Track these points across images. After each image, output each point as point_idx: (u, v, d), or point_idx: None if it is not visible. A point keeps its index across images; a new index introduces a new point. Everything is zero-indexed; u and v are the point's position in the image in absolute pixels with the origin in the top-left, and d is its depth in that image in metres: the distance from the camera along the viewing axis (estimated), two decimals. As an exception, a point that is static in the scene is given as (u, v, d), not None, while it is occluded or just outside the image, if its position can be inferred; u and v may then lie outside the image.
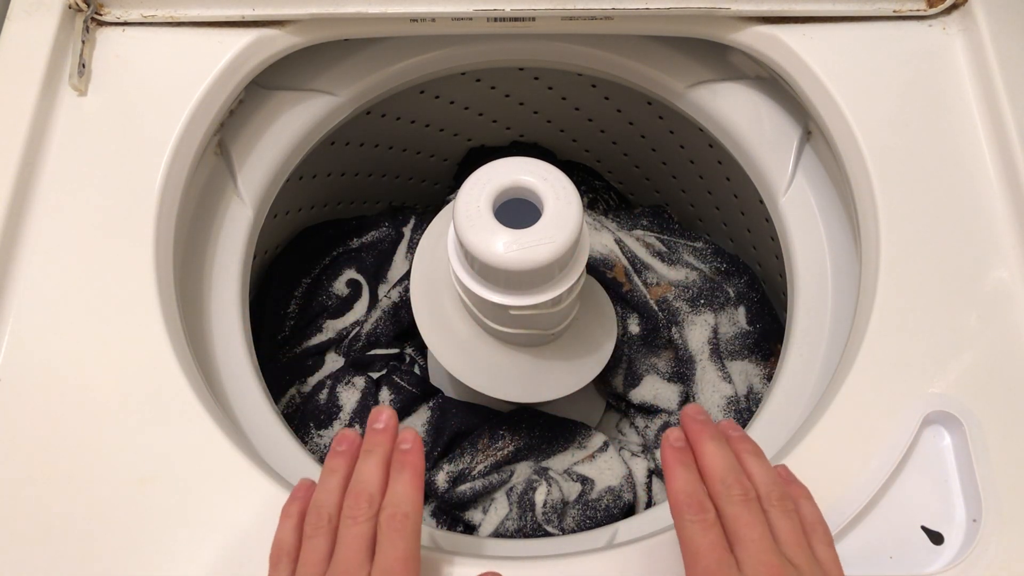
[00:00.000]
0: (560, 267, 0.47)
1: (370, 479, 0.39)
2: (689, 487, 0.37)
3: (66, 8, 0.53)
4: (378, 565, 0.36)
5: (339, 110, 0.64)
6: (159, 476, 0.44)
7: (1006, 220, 0.50)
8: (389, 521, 0.37)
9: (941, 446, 0.45)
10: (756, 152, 0.62)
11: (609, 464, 0.62)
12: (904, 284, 0.49)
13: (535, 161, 0.46)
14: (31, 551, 0.42)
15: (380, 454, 0.40)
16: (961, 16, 0.55)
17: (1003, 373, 0.46)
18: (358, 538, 0.37)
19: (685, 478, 0.38)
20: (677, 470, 0.38)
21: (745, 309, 0.68)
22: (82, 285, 0.48)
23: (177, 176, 0.52)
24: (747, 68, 0.64)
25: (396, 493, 0.38)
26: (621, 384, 0.67)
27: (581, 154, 0.86)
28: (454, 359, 0.56)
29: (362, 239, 0.75)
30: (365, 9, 0.54)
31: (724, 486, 0.37)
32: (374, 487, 0.38)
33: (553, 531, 0.57)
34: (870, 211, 0.51)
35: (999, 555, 0.42)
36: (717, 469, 0.38)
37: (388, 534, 0.37)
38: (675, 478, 0.38)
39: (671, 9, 0.54)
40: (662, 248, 0.70)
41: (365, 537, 0.37)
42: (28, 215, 0.49)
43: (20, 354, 0.46)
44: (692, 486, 0.38)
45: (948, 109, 0.53)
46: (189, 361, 0.48)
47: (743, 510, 0.36)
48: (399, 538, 0.36)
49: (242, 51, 0.54)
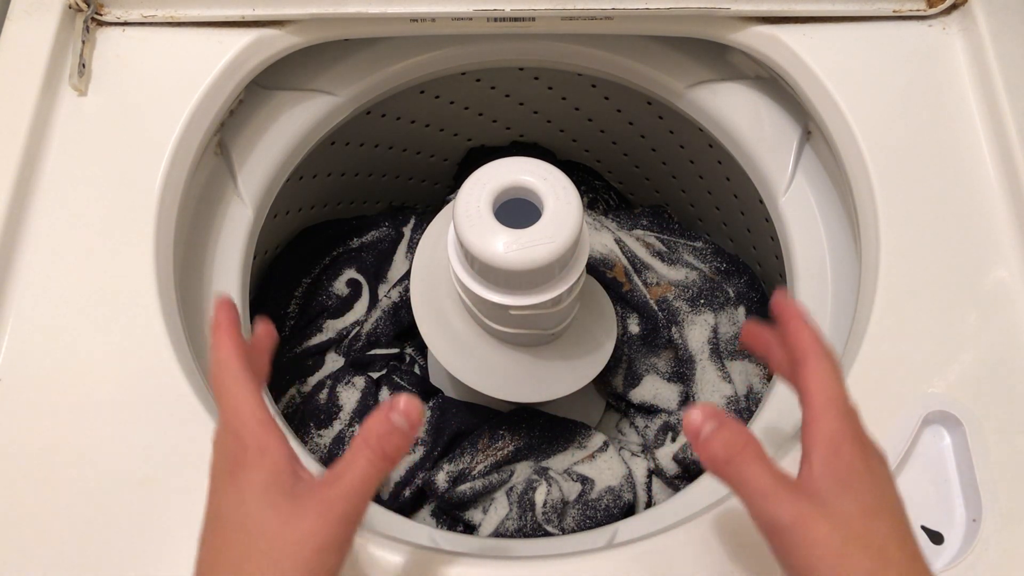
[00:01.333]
0: (560, 267, 0.47)
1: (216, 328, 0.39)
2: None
3: (66, 8, 0.53)
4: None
5: (339, 110, 0.64)
6: (159, 476, 0.44)
7: (1006, 220, 0.50)
8: (212, 386, 0.38)
9: (941, 446, 0.45)
10: (756, 152, 0.62)
11: (609, 464, 0.62)
12: (904, 284, 0.49)
13: (535, 161, 0.46)
14: (31, 551, 0.42)
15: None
16: (961, 16, 0.55)
17: (1003, 373, 0.46)
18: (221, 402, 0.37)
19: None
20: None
21: (745, 309, 0.68)
22: (82, 285, 0.48)
23: (177, 176, 0.52)
24: (747, 68, 0.64)
25: (212, 356, 0.38)
26: (621, 384, 0.67)
27: (581, 154, 0.86)
28: (454, 359, 0.56)
29: (362, 239, 0.75)
30: (365, 9, 0.54)
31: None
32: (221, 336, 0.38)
33: (553, 531, 0.57)
34: (870, 211, 0.51)
35: (999, 555, 0.42)
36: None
37: (215, 396, 0.37)
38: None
39: (671, 9, 0.54)
40: (662, 248, 0.70)
41: (224, 395, 0.37)
42: (28, 215, 0.49)
43: (20, 354, 0.46)
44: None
45: (948, 109, 0.53)
46: (189, 361, 0.48)
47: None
48: (223, 395, 0.37)
49: (242, 51, 0.54)
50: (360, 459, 0.35)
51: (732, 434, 0.35)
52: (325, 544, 0.33)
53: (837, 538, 0.32)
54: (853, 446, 0.35)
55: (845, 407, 0.36)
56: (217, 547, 0.34)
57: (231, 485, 0.34)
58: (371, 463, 0.35)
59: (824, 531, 0.33)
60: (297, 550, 0.32)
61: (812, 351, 0.37)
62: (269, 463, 0.34)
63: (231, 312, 0.39)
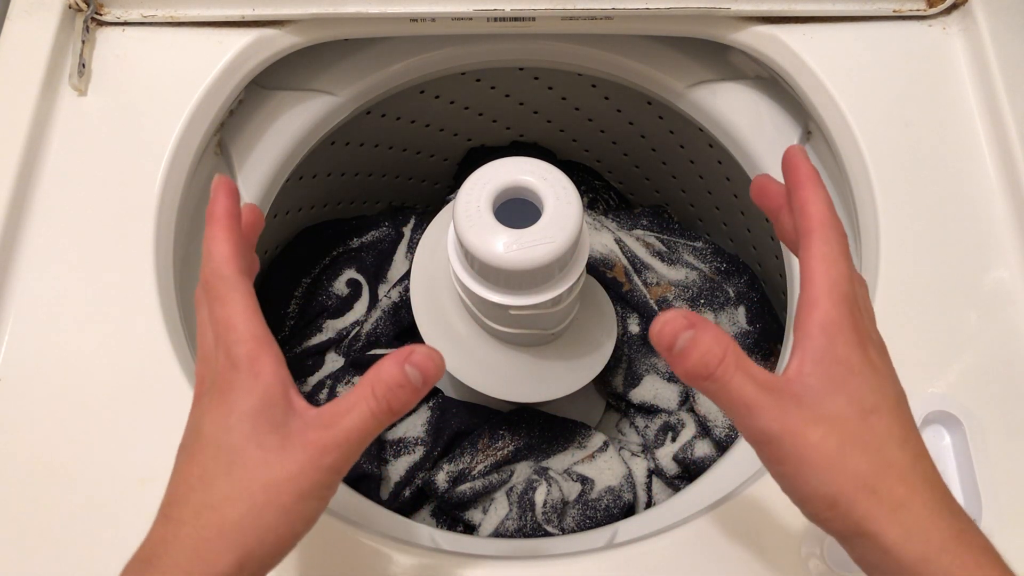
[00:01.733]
0: (560, 267, 0.47)
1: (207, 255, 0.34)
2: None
3: (66, 8, 0.53)
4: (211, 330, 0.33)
5: (339, 110, 0.64)
6: (159, 476, 0.44)
7: (1006, 220, 0.50)
8: (203, 288, 0.34)
9: (941, 446, 0.45)
10: (756, 152, 0.62)
11: (609, 464, 0.62)
12: (904, 284, 0.49)
13: (535, 161, 0.46)
14: (31, 551, 0.42)
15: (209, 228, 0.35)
16: (961, 16, 0.55)
17: (1003, 373, 0.46)
18: (202, 316, 0.34)
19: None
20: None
21: (745, 309, 0.68)
22: (82, 285, 0.48)
23: (177, 176, 0.52)
24: (747, 68, 0.64)
25: (206, 252, 0.34)
26: (621, 384, 0.67)
27: (581, 154, 0.86)
28: (454, 359, 0.56)
29: (362, 239, 0.75)
30: (365, 9, 0.54)
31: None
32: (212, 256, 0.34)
33: (553, 531, 0.57)
34: (870, 211, 0.51)
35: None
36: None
37: (205, 301, 0.33)
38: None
39: (671, 9, 0.54)
40: (662, 248, 0.70)
41: (206, 311, 0.34)
42: (28, 215, 0.49)
43: (20, 354, 0.46)
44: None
45: (948, 109, 0.53)
46: (189, 361, 0.48)
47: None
48: (215, 303, 0.33)
49: (242, 51, 0.54)
50: (363, 407, 0.31)
51: (709, 344, 0.30)
52: (308, 491, 0.31)
53: (832, 442, 0.30)
54: (850, 337, 0.31)
55: (847, 292, 0.32)
56: (193, 463, 0.32)
57: (219, 405, 0.32)
58: (374, 415, 0.31)
59: (817, 436, 0.30)
60: (277, 492, 0.30)
61: (819, 224, 0.33)
62: (261, 388, 0.31)
63: (229, 199, 0.35)
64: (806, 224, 0.33)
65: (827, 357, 0.31)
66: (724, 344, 0.31)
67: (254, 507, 0.30)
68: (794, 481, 0.31)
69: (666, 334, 0.31)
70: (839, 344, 0.31)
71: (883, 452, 0.30)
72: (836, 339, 0.31)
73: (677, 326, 0.31)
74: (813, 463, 0.30)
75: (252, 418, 0.31)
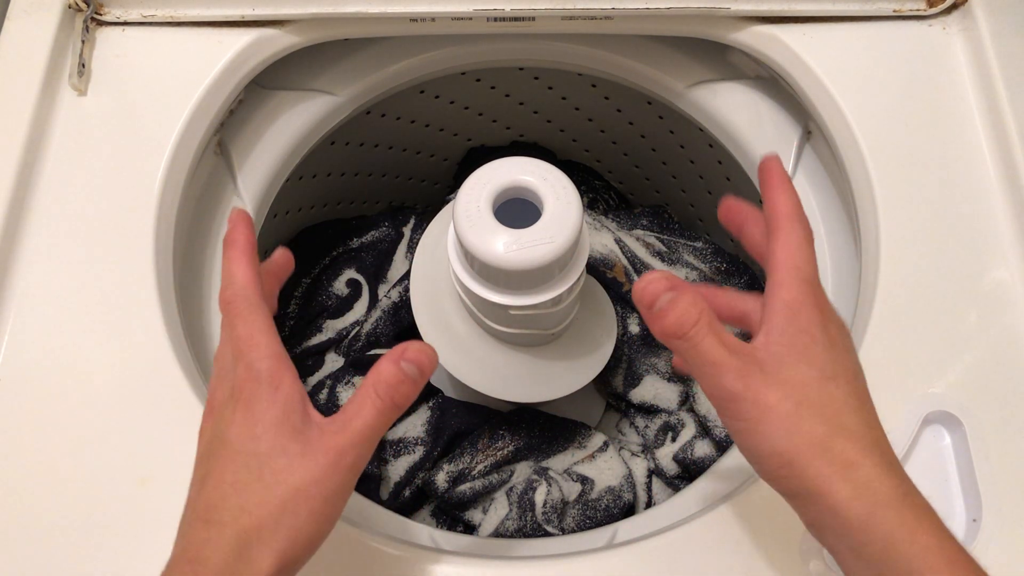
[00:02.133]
0: (560, 267, 0.47)
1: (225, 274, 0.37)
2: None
3: (66, 8, 0.53)
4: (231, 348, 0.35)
5: (339, 110, 0.64)
6: (159, 476, 0.44)
7: (1006, 220, 0.50)
8: (225, 308, 0.36)
9: (941, 446, 0.45)
10: (756, 152, 0.62)
11: (609, 464, 0.62)
12: (904, 284, 0.49)
13: (535, 161, 0.46)
14: (31, 551, 0.42)
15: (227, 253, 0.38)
16: (961, 16, 0.55)
17: (1003, 373, 0.46)
18: (226, 333, 0.36)
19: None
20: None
21: (745, 309, 0.68)
22: (82, 285, 0.48)
23: (177, 176, 0.52)
24: (747, 68, 0.64)
25: (227, 275, 0.37)
26: (621, 384, 0.67)
27: (581, 154, 0.86)
28: (454, 359, 0.56)
29: (362, 239, 0.75)
30: (365, 9, 0.54)
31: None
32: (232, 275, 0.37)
33: (553, 531, 0.57)
34: (870, 211, 0.51)
35: (999, 555, 0.42)
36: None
37: (226, 319, 0.36)
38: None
39: (671, 9, 0.54)
40: (662, 248, 0.70)
41: (229, 328, 0.36)
42: (28, 215, 0.49)
43: (20, 354, 0.46)
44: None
45: (948, 109, 0.53)
46: (189, 361, 0.48)
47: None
48: (238, 321, 0.35)
49: (242, 51, 0.54)
50: (369, 406, 0.34)
51: (686, 306, 0.33)
52: (333, 492, 0.33)
53: (789, 404, 0.32)
54: (812, 313, 0.34)
55: (809, 275, 0.35)
56: (225, 470, 0.33)
57: (243, 414, 0.34)
58: (380, 412, 0.34)
59: (775, 397, 0.32)
60: (306, 496, 0.32)
61: (786, 218, 0.36)
62: (282, 399, 0.34)
63: (248, 229, 0.38)
64: (775, 220, 0.36)
65: (791, 328, 0.34)
66: (700, 308, 0.33)
67: (287, 511, 0.32)
68: (752, 438, 0.33)
69: (648, 293, 0.34)
70: (802, 318, 0.34)
71: (839, 417, 0.32)
72: (799, 314, 0.34)
73: (659, 287, 0.34)
74: (770, 422, 0.32)
75: (276, 427, 0.33)
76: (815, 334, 0.34)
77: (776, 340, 0.34)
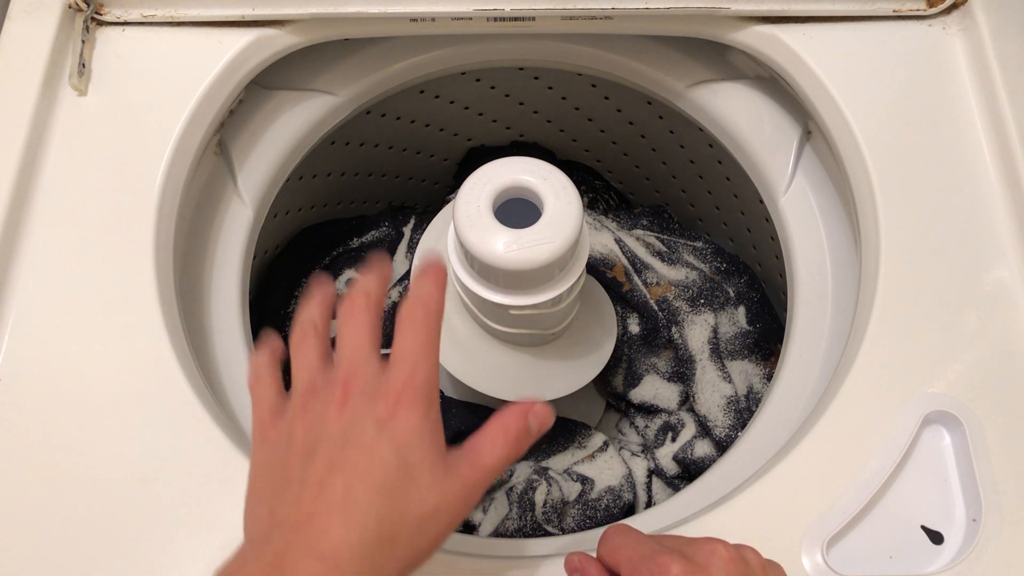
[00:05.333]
0: (560, 267, 0.47)
1: (366, 282, 0.36)
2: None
3: (66, 8, 0.53)
4: (395, 350, 0.34)
5: (339, 110, 0.64)
6: (159, 476, 0.44)
7: (1006, 220, 0.50)
8: (410, 311, 0.35)
9: (941, 446, 0.45)
10: (756, 152, 0.62)
11: (609, 464, 0.62)
12: (904, 284, 0.49)
13: (535, 161, 0.46)
14: (31, 551, 0.42)
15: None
16: (961, 16, 0.55)
17: (1003, 373, 0.46)
18: (359, 329, 0.35)
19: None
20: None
21: (745, 309, 0.68)
22: (82, 285, 0.48)
23: (177, 176, 0.52)
24: (747, 68, 0.64)
25: (417, 286, 0.36)
26: (621, 384, 0.67)
27: (581, 154, 0.86)
28: (454, 359, 0.56)
29: (362, 239, 0.75)
30: (365, 9, 0.54)
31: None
32: (370, 286, 0.36)
33: (553, 531, 0.57)
34: (870, 211, 0.51)
35: (999, 555, 0.42)
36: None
37: (407, 324, 0.35)
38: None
39: (671, 9, 0.54)
40: (662, 248, 0.70)
41: (368, 327, 0.35)
42: (28, 215, 0.49)
43: (20, 354, 0.46)
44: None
45: (948, 109, 0.53)
46: (189, 361, 0.48)
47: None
48: (421, 328, 0.35)
49: (242, 51, 0.54)
50: (500, 448, 0.34)
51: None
52: (453, 522, 0.33)
53: None
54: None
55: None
56: (369, 467, 0.32)
57: (404, 417, 0.33)
58: (507, 458, 0.35)
59: None
60: (435, 521, 0.32)
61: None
62: (435, 417, 0.34)
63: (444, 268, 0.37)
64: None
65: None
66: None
67: (421, 530, 0.32)
68: None
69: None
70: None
71: None
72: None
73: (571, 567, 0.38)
74: None
75: (429, 443, 0.33)
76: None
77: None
